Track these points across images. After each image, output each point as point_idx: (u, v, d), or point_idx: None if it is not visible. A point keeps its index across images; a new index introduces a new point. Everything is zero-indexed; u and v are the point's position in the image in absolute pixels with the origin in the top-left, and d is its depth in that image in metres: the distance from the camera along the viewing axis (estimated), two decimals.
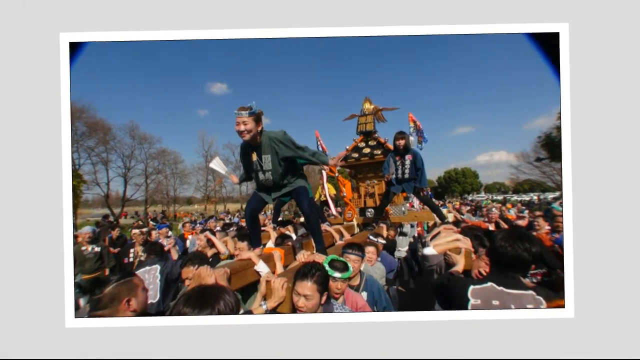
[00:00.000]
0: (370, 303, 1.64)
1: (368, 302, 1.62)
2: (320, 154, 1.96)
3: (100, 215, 4.03)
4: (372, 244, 2.24)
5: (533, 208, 3.87)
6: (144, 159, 3.98)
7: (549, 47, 1.44)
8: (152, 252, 2.30)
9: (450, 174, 25.33)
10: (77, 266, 3.09)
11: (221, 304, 0.97)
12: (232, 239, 2.53)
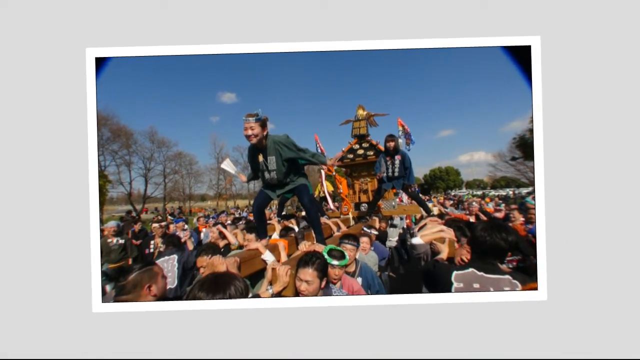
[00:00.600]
0: (365, 287, 1.63)
1: (362, 286, 1.61)
2: (319, 155, 1.97)
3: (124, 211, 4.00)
4: (366, 235, 2.23)
5: (509, 202, 3.85)
6: (163, 161, 3.94)
7: (522, 57, 1.43)
8: (170, 243, 2.28)
9: (435, 172, 25.25)
10: (103, 256, 3.07)
11: (232, 289, 0.97)
12: (242, 231, 2.52)
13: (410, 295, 1.41)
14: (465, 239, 1.44)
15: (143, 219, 4.22)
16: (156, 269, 1.18)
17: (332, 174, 3.94)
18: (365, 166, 4.23)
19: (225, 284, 0.98)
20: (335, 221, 2.73)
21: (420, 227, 1.80)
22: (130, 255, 3.32)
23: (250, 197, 3.91)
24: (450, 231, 1.52)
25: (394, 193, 4.51)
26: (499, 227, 1.13)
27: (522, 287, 1.10)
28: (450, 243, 1.51)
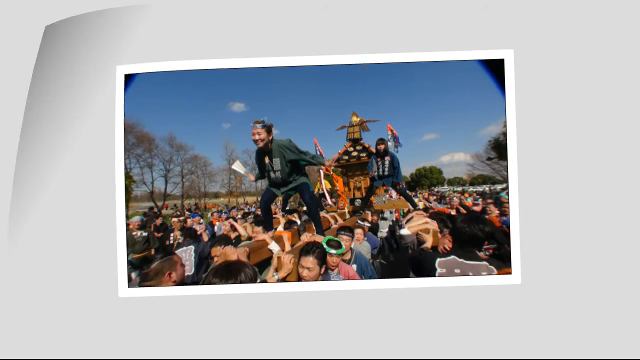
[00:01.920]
0: (359, 273, 1.63)
1: (357, 272, 1.61)
2: (318, 156, 1.99)
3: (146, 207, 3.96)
4: (359, 227, 2.22)
5: (485, 197, 3.84)
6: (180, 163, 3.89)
7: (496, 69, 1.40)
8: (188, 235, 2.28)
9: (420, 171, 25.51)
10: (129, 247, 3.04)
11: (242, 275, 1.03)
12: (250, 224, 2.51)
13: (399, 279, 1.41)
14: (447, 229, 1.44)
15: (164, 214, 4.20)
16: (175, 258, 1.18)
17: (330, 173, 3.92)
18: (358, 166, 4.21)
19: (236, 271, 1.02)
20: (332, 215, 2.73)
21: (407, 220, 1.81)
22: (153, 246, 3.31)
23: (257, 194, 3.90)
24: (434, 223, 1.53)
25: (384, 190, 4.51)
26: (477, 219, 1.14)
27: (498, 272, 1.10)
28: (434, 233, 1.51)
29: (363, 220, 2.44)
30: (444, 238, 1.41)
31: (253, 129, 1.75)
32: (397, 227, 3.12)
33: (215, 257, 1.61)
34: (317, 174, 4.48)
